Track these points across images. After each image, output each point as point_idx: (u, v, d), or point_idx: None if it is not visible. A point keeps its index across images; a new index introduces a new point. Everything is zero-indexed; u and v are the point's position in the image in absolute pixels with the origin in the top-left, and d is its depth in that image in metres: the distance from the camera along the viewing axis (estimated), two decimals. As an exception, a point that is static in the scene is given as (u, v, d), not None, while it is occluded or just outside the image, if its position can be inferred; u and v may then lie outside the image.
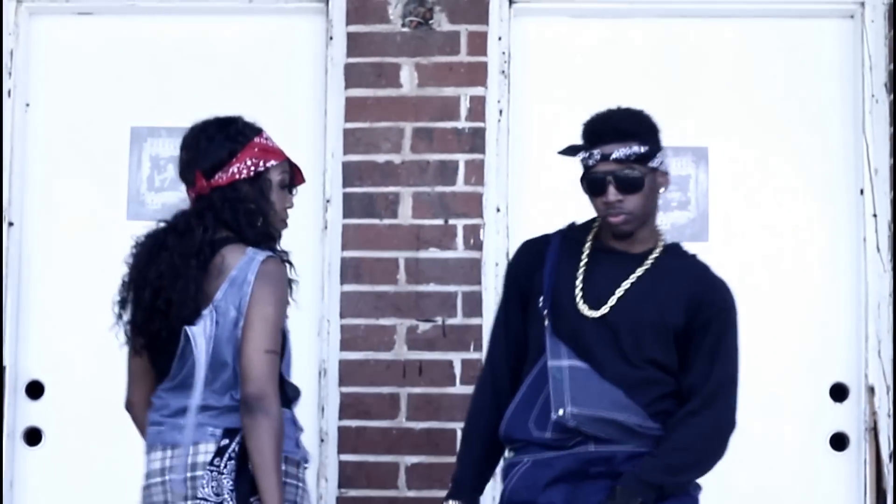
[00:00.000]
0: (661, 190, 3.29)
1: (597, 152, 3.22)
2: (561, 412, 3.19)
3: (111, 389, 4.41)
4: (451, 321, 4.29)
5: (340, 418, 4.26)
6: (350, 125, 4.36)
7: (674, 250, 3.36)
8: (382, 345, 4.29)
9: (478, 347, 4.27)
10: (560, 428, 3.21)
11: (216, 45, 4.53)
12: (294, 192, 3.42)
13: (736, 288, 4.26)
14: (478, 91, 4.37)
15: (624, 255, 3.31)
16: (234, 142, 3.33)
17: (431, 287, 4.29)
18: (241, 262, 3.24)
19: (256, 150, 3.33)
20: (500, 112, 4.36)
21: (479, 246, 4.31)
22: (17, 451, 4.42)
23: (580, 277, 3.30)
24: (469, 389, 4.23)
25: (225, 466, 3.21)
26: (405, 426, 4.26)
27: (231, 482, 3.20)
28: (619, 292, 3.25)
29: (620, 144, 3.22)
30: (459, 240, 4.31)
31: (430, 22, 4.39)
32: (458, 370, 4.27)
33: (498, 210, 4.33)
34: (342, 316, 4.32)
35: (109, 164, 4.51)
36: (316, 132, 4.39)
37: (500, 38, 4.38)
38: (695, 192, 4.42)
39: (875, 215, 4.30)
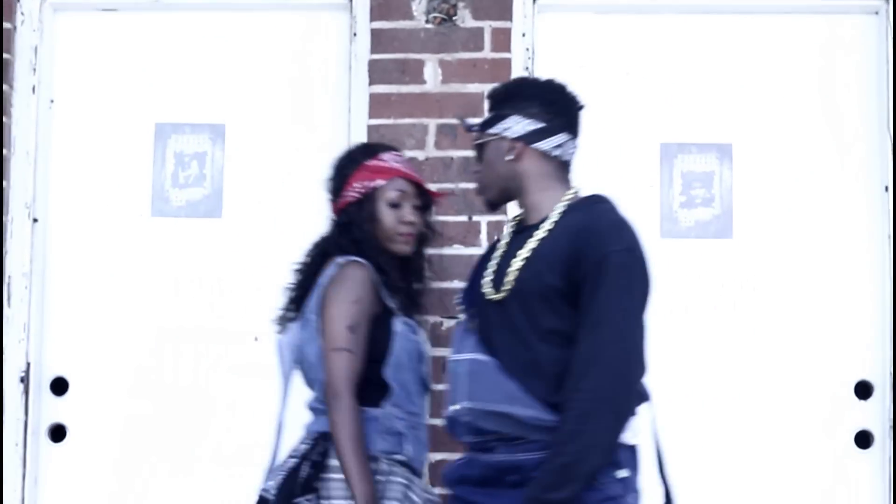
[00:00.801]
0: (508, 157, 3.23)
1: None
2: (458, 406, 3.15)
3: (136, 386, 4.45)
4: (475, 318, 4.28)
5: (364, 415, 4.25)
6: (374, 122, 4.35)
7: (577, 207, 3.21)
8: (406, 342, 4.29)
9: (501, 344, 4.26)
10: (471, 430, 3.15)
11: (240, 41, 4.53)
12: (432, 208, 3.68)
13: (760, 285, 4.29)
14: (502, 88, 4.36)
15: (527, 228, 3.24)
16: (346, 168, 3.57)
17: (455, 284, 4.28)
18: (327, 271, 3.41)
19: (366, 172, 3.54)
20: (524, 109, 4.35)
21: (502, 243, 4.30)
22: (41, 447, 4.42)
23: (493, 261, 3.26)
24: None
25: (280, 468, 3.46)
26: (429, 423, 4.25)
27: (281, 479, 3.37)
28: (512, 269, 3.16)
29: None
30: (483, 236, 4.30)
31: (454, 18, 4.38)
32: (481, 367, 4.26)
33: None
34: (366, 313, 4.32)
35: (133, 160, 4.51)
36: (340, 129, 4.38)
37: (524, 35, 4.37)
38: (719, 188, 4.41)
39: (900, 212, 4.29)
